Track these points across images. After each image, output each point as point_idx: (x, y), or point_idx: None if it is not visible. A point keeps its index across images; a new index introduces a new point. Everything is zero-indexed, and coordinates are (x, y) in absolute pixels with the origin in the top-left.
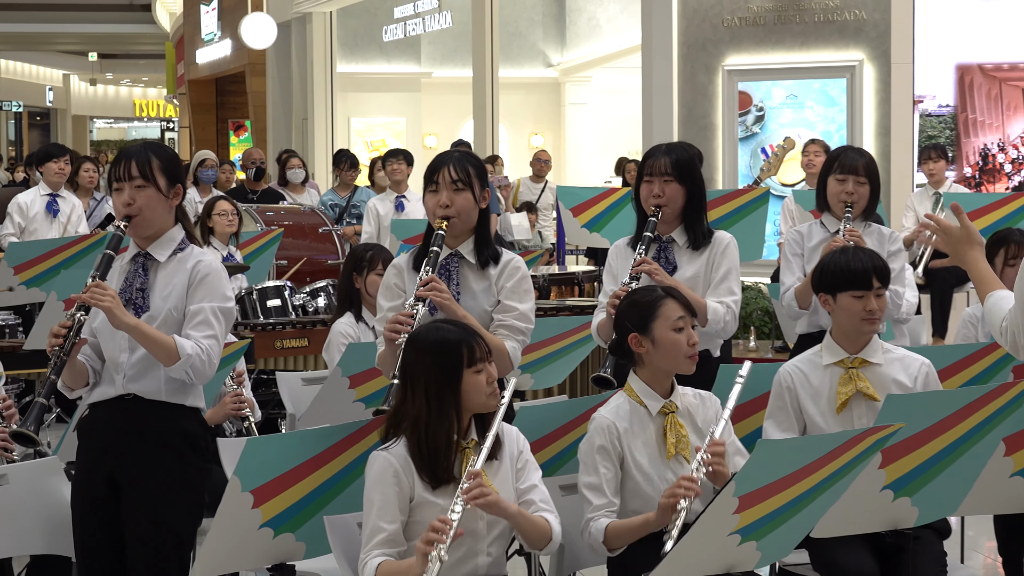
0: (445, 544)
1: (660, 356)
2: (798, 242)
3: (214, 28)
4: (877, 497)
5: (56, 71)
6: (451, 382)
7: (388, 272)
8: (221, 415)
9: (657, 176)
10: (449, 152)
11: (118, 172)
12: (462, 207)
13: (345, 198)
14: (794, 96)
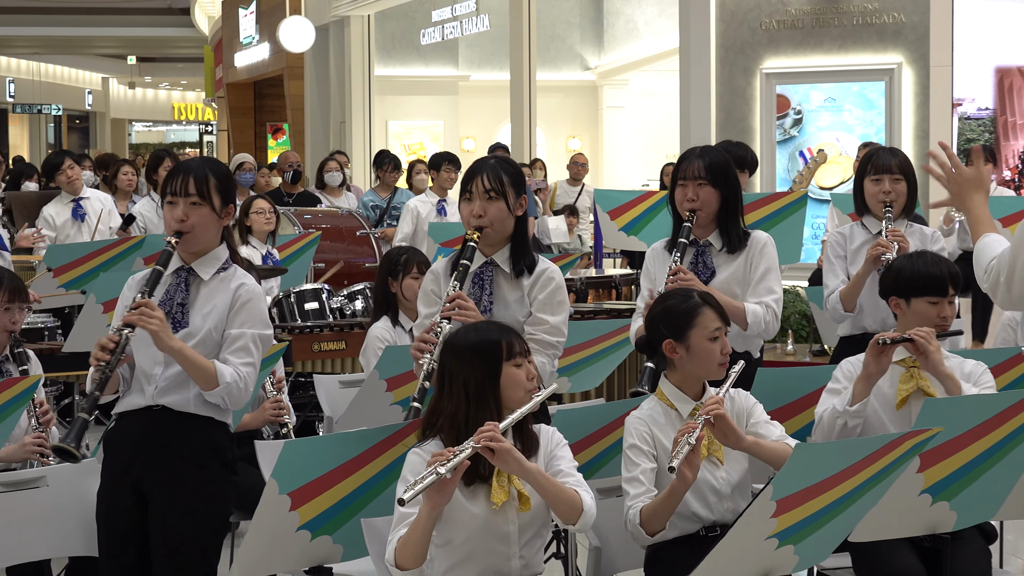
0: (446, 465)
1: (693, 363)
2: (840, 244)
3: (252, 32)
4: (915, 501)
5: (95, 74)
6: (491, 376)
7: (426, 278)
8: (260, 420)
9: (691, 180)
10: (485, 159)
11: (174, 186)
12: (495, 216)
13: (386, 199)
14: (832, 99)
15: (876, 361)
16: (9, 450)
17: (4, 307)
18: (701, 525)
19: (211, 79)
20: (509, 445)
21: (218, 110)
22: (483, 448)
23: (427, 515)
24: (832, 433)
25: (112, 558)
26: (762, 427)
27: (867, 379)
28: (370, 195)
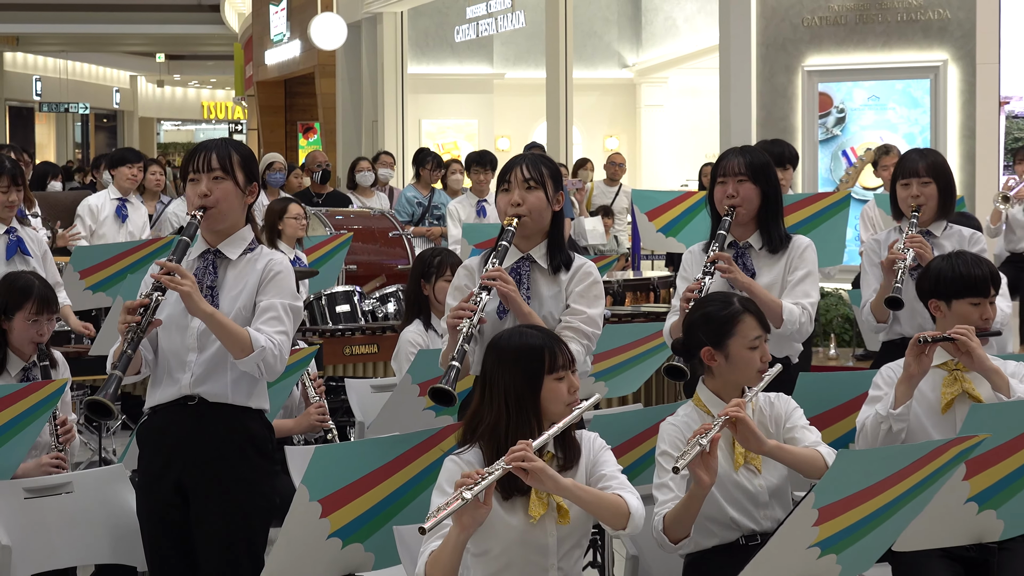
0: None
1: (732, 371)
2: (876, 251)
3: (283, 29)
4: (961, 510)
5: (123, 72)
6: (532, 388)
7: (459, 273)
8: (305, 426)
9: (731, 176)
10: (523, 154)
11: (197, 163)
12: (534, 205)
13: (427, 196)
14: (876, 97)
15: (917, 361)
16: (26, 467)
17: (32, 319)
18: (740, 534)
19: (241, 77)
20: (543, 464)
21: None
22: (516, 468)
23: (456, 538)
24: (876, 440)
25: (158, 555)
26: (797, 432)
27: (909, 380)
28: (411, 190)
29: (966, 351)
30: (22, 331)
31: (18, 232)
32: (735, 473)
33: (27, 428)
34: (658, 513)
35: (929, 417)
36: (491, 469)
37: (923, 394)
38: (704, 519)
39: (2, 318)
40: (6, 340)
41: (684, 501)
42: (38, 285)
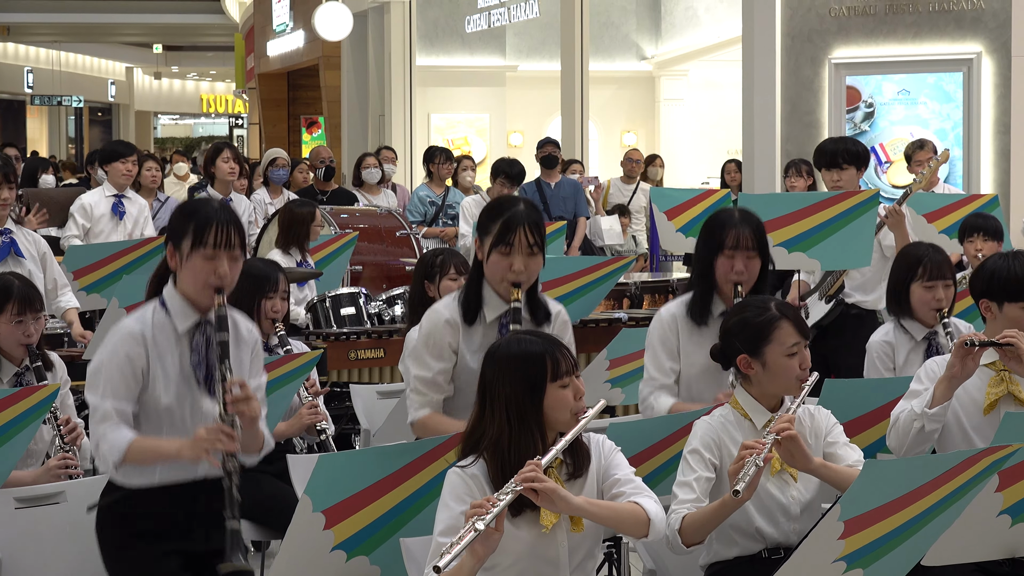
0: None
1: (770, 380)
2: (889, 356)
3: (286, 18)
4: (994, 523)
5: (119, 64)
6: (534, 397)
7: (439, 328)
8: (297, 427)
9: (742, 251)
10: (519, 209)
11: (219, 238)
12: (533, 272)
13: (441, 195)
14: (906, 91)
15: (962, 363)
16: (35, 474)
17: (16, 320)
18: (764, 546)
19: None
20: (554, 485)
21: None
22: (526, 491)
23: (472, 567)
24: (907, 437)
25: None
26: (840, 448)
27: (950, 381)
28: (424, 189)
29: (1015, 356)
30: (7, 334)
31: (12, 233)
32: (769, 482)
33: (19, 435)
34: (675, 512)
35: (970, 417)
36: (501, 495)
37: (968, 392)
38: (728, 527)
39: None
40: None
41: (713, 509)
42: (18, 285)
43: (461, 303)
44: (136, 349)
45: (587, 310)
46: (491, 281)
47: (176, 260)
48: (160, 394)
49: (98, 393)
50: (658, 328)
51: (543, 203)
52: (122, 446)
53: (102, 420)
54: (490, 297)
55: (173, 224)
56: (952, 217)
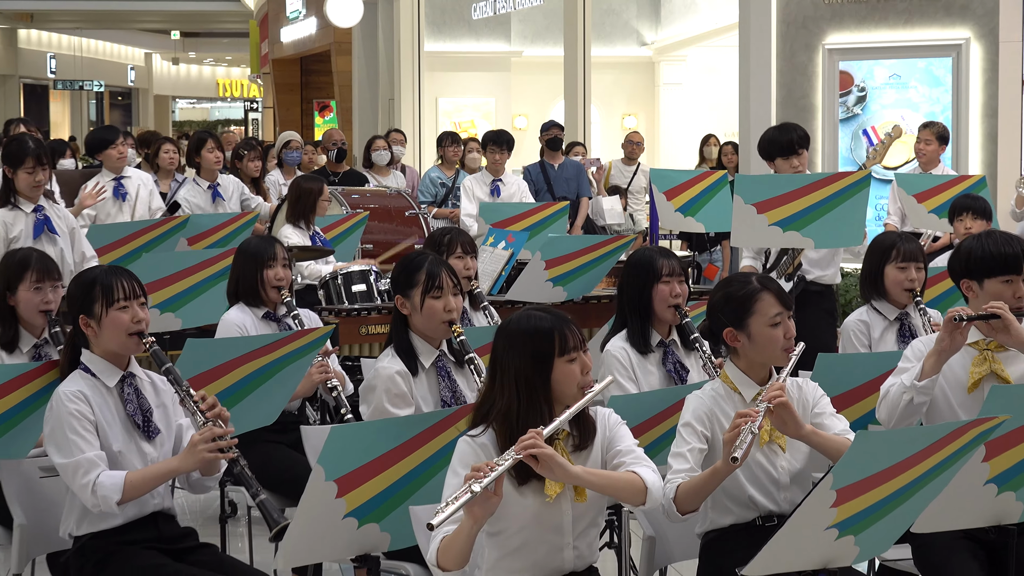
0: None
1: (756, 350)
2: (864, 333)
3: (299, 6)
4: (980, 491)
5: (138, 50)
6: (542, 371)
7: (394, 379)
8: (308, 386)
9: (676, 276)
10: (429, 255)
11: (127, 289)
12: (459, 307)
13: (451, 178)
14: (897, 76)
15: (951, 337)
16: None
17: (35, 287)
18: (757, 514)
19: (256, 55)
20: (552, 452)
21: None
22: (526, 457)
23: (470, 528)
24: (897, 409)
25: None
26: (827, 419)
27: (939, 355)
28: (435, 171)
29: (1003, 327)
30: (28, 300)
31: (46, 211)
32: (758, 452)
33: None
34: (671, 481)
35: (956, 394)
36: (501, 460)
37: (952, 371)
38: (723, 496)
39: (7, 295)
40: (15, 316)
41: (705, 477)
42: (36, 255)
43: (400, 356)
44: (81, 406)
45: (589, 286)
46: (424, 328)
47: (92, 327)
48: (111, 442)
49: (70, 453)
50: (615, 363)
51: (547, 184)
52: (119, 484)
53: (87, 471)
54: (421, 345)
55: (79, 297)
56: (941, 197)
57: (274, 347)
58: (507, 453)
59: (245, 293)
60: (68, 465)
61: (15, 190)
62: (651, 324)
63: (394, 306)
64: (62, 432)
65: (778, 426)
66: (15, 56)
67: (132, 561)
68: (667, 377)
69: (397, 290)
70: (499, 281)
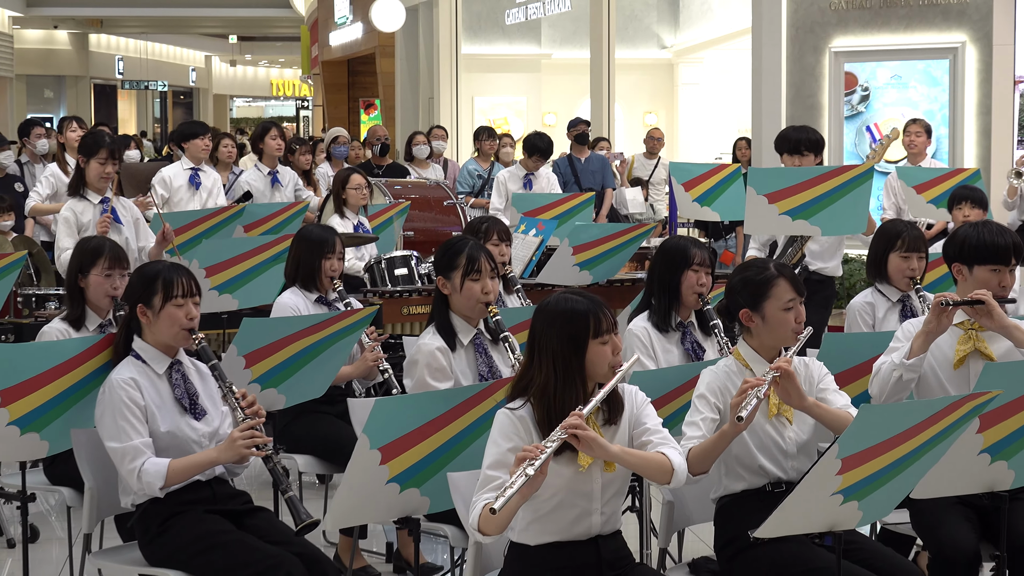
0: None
1: (768, 332)
2: (869, 313)
3: (346, 12)
4: (975, 460)
5: (199, 53)
6: (578, 351)
7: (435, 354)
8: (363, 369)
9: (704, 267)
10: (470, 240)
11: (183, 288)
12: (496, 290)
13: (487, 169)
14: (898, 76)
15: (937, 320)
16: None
17: (105, 273)
18: (767, 480)
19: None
20: (594, 434)
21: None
22: (570, 438)
23: (517, 502)
24: (887, 384)
25: None
26: (829, 394)
27: (926, 336)
28: (472, 163)
29: (987, 312)
30: (98, 285)
31: (112, 202)
32: (767, 423)
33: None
34: (684, 447)
35: (944, 370)
36: (548, 442)
37: (940, 349)
38: (735, 464)
39: (79, 277)
40: (84, 297)
41: (714, 439)
42: (109, 244)
43: (441, 334)
44: (132, 393)
45: (613, 270)
46: (463, 308)
47: (149, 317)
48: (159, 425)
49: (118, 437)
50: (636, 341)
51: (574, 176)
52: (162, 471)
53: (133, 457)
54: (460, 324)
55: (140, 287)
56: (938, 189)
57: (323, 326)
58: (554, 434)
59: (303, 277)
60: (117, 450)
61: (85, 182)
62: (676, 306)
63: (435, 287)
64: (112, 418)
65: (782, 397)
66: (86, 59)
67: (195, 525)
68: (685, 355)
69: (439, 272)
70: (530, 265)
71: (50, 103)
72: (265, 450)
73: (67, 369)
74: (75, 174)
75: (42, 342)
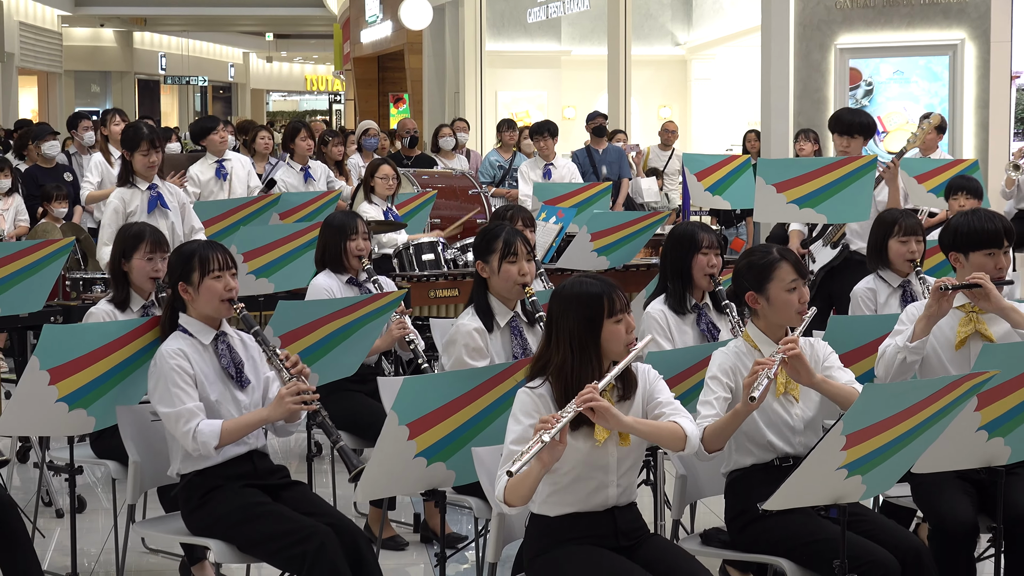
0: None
1: (774, 312)
2: (871, 299)
3: (377, 11)
4: (973, 437)
5: (237, 50)
6: (593, 331)
7: (471, 334)
8: (388, 340)
9: (712, 249)
10: (507, 226)
11: (219, 262)
12: (533, 272)
13: (508, 160)
14: (901, 72)
15: (938, 304)
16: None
17: (147, 257)
18: (775, 456)
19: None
20: (608, 405)
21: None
22: (585, 410)
23: (538, 471)
24: (892, 366)
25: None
26: (835, 371)
27: (928, 319)
28: (495, 154)
29: (984, 295)
30: (140, 268)
31: (158, 188)
32: (775, 402)
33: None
34: (699, 425)
35: (945, 351)
36: (564, 412)
37: (942, 331)
38: (745, 440)
39: (122, 261)
40: (128, 280)
41: (727, 418)
42: (149, 230)
43: (479, 315)
44: (182, 362)
45: (629, 256)
46: (501, 290)
47: (190, 293)
48: (209, 393)
49: (171, 403)
50: (654, 324)
51: (592, 166)
52: (216, 431)
53: (188, 420)
54: (498, 306)
55: (179, 266)
56: (939, 179)
57: (354, 308)
58: (569, 406)
59: (331, 261)
60: (171, 414)
61: (133, 171)
62: (689, 289)
63: (475, 270)
64: (165, 386)
65: (792, 375)
66: (131, 55)
67: (234, 497)
68: (701, 336)
69: (478, 256)
70: (550, 251)
71: (97, 97)
72: (313, 405)
73: (113, 349)
74: (122, 166)
75: (89, 323)
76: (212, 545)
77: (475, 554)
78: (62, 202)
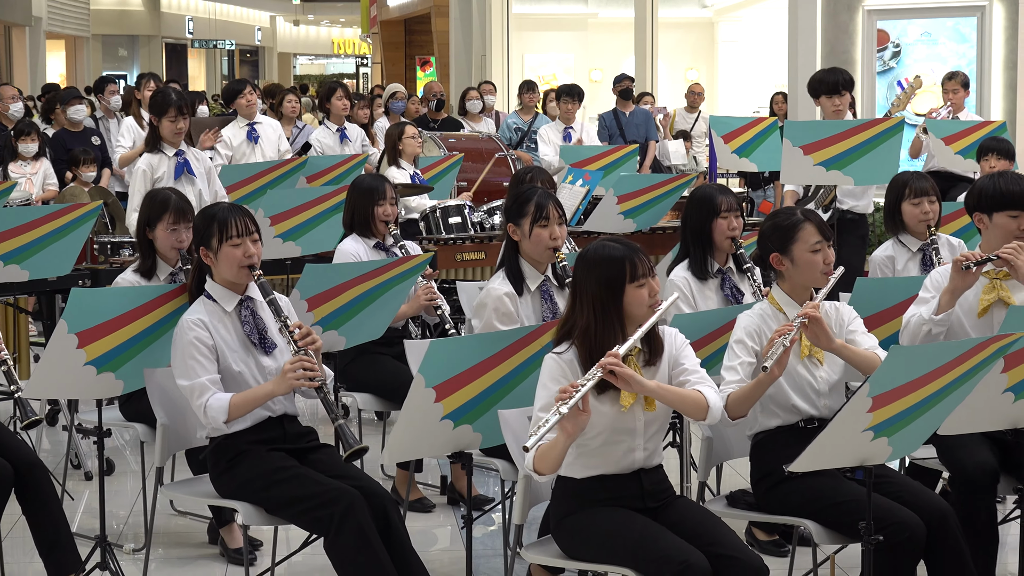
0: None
1: (798, 273)
2: (889, 268)
3: None
4: (999, 399)
5: (263, 13)
6: (615, 295)
7: (502, 299)
8: (416, 307)
9: (733, 212)
10: (539, 189)
11: (240, 227)
12: (564, 236)
13: (528, 122)
14: (928, 33)
15: (961, 277)
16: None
17: (171, 227)
18: (800, 418)
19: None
20: (630, 371)
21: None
22: (606, 375)
23: (565, 441)
24: (917, 338)
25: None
26: (858, 336)
27: (952, 293)
28: (513, 117)
29: (1012, 265)
30: (164, 238)
31: (185, 154)
32: (799, 364)
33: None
34: (723, 391)
35: (969, 319)
36: (584, 380)
37: (966, 298)
38: (770, 403)
39: (147, 230)
40: (154, 248)
41: (752, 386)
42: (175, 199)
43: (509, 278)
44: (200, 333)
45: (656, 219)
46: (532, 254)
47: (211, 258)
48: (230, 363)
49: (188, 375)
50: (677, 290)
51: (619, 129)
52: (225, 406)
53: (200, 394)
54: (528, 270)
55: (201, 230)
56: (966, 140)
57: (381, 271)
58: (590, 373)
59: (359, 224)
60: (187, 387)
61: (160, 137)
62: (711, 253)
63: (506, 233)
64: (182, 357)
65: (812, 339)
66: (158, 19)
67: (261, 461)
68: (724, 300)
69: (509, 219)
70: (577, 214)
71: (124, 61)
72: (315, 382)
73: (141, 313)
74: (150, 131)
75: (118, 287)
76: (239, 507)
77: (501, 516)
78: (90, 166)
